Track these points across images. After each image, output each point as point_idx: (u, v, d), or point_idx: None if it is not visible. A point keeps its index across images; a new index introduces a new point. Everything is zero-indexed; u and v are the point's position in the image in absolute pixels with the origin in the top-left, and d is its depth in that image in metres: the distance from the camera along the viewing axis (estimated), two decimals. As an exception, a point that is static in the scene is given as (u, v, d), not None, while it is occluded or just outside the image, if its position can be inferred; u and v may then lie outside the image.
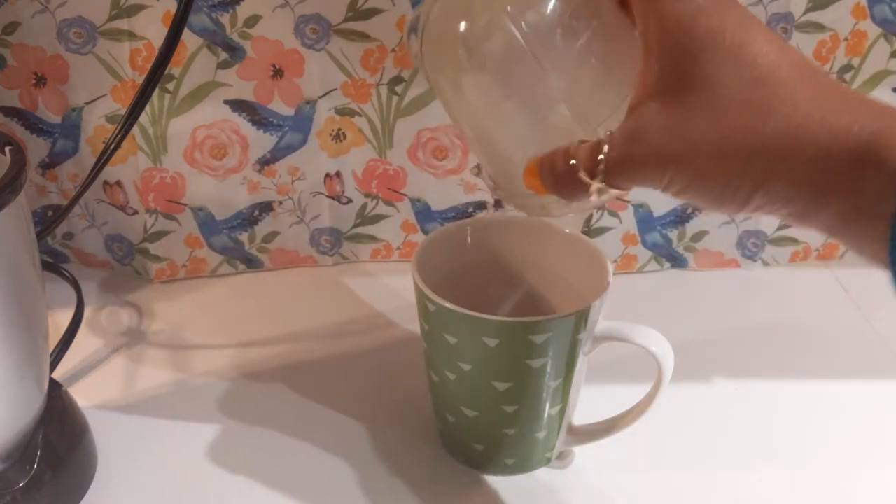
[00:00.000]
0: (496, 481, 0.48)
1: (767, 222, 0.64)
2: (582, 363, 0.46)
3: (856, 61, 0.59)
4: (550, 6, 0.35)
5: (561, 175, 0.35)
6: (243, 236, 0.64)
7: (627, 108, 0.34)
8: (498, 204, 0.63)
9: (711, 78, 0.31)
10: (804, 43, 0.58)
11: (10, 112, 0.59)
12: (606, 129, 0.34)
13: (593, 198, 0.35)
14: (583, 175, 0.34)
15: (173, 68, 0.56)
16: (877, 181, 0.28)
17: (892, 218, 0.28)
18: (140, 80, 0.53)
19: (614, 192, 0.35)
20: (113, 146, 0.51)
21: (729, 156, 0.31)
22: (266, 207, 0.63)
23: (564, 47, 0.35)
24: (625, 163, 0.33)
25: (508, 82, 0.37)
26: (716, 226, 0.64)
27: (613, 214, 0.63)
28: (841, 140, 0.29)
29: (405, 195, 0.64)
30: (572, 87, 0.36)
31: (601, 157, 0.33)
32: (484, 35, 0.36)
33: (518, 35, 0.35)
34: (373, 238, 0.66)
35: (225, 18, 0.56)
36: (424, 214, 0.64)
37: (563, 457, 0.50)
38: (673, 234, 0.64)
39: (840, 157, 0.29)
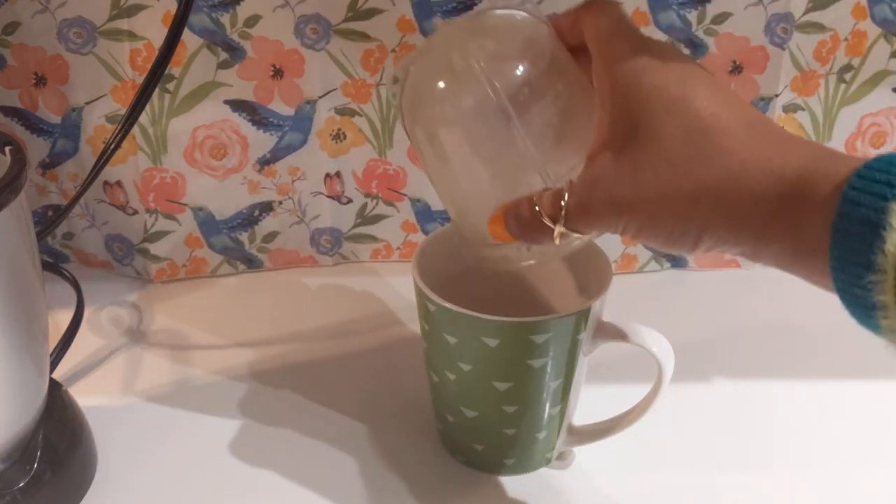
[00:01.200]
0: (496, 481, 0.48)
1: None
2: (582, 363, 0.46)
3: (856, 61, 0.59)
4: (520, 68, 0.38)
5: (526, 220, 0.38)
6: (243, 236, 0.64)
7: (586, 159, 0.37)
8: None
9: (656, 130, 0.34)
10: (804, 43, 0.58)
11: (10, 112, 0.59)
12: (568, 179, 0.37)
13: (557, 242, 0.37)
14: (546, 220, 0.36)
15: (173, 68, 0.56)
16: (809, 216, 0.30)
17: (830, 250, 0.30)
18: (140, 80, 0.53)
19: (575, 236, 0.37)
20: (113, 146, 0.51)
21: (674, 202, 0.33)
22: (266, 207, 0.63)
23: (531, 105, 0.38)
24: (583, 209, 0.36)
25: (478, 136, 0.40)
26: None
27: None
28: (773, 182, 0.31)
29: (405, 195, 0.64)
30: (538, 142, 0.39)
31: (563, 203, 0.36)
32: (458, 91, 0.39)
33: (490, 91, 0.38)
34: (373, 238, 0.66)
35: (225, 18, 0.56)
36: (424, 214, 0.64)
37: (564, 457, 0.50)
38: (673, 234, 0.64)
39: (773, 198, 0.31)
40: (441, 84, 0.40)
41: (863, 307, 0.30)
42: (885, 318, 0.29)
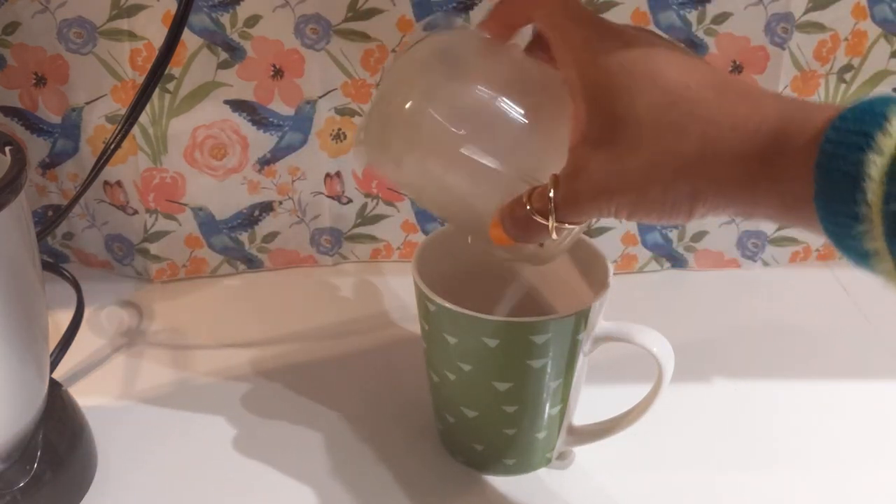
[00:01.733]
0: (496, 481, 0.48)
1: (767, 222, 0.64)
2: (582, 363, 0.46)
3: (856, 61, 0.59)
4: (477, 91, 0.39)
5: (519, 220, 0.38)
6: (243, 236, 0.64)
7: (569, 151, 0.36)
8: None
9: (630, 110, 0.34)
10: (804, 43, 0.58)
11: (10, 112, 0.59)
12: (552, 174, 0.37)
13: (553, 236, 0.37)
14: (538, 217, 0.37)
15: (173, 68, 0.56)
16: (791, 171, 0.31)
17: (815, 203, 0.30)
18: (140, 80, 0.53)
19: (574, 227, 0.38)
20: (113, 146, 0.51)
21: (659, 179, 0.33)
22: (266, 207, 0.63)
23: (495, 123, 0.39)
24: (570, 200, 0.36)
25: (450, 170, 0.40)
26: (716, 226, 0.64)
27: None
28: (752, 141, 0.32)
29: (405, 195, 0.64)
30: (510, 155, 0.39)
31: (550, 197, 0.36)
32: (418, 135, 0.40)
33: (450, 127, 0.38)
34: (373, 238, 0.66)
35: (225, 18, 0.56)
36: (424, 214, 0.64)
37: (564, 457, 0.50)
38: (673, 234, 0.64)
39: (755, 156, 0.32)
40: (401, 129, 0.40)
41: (857, 255, 0.30)
42: (881, 264, 0.29)
